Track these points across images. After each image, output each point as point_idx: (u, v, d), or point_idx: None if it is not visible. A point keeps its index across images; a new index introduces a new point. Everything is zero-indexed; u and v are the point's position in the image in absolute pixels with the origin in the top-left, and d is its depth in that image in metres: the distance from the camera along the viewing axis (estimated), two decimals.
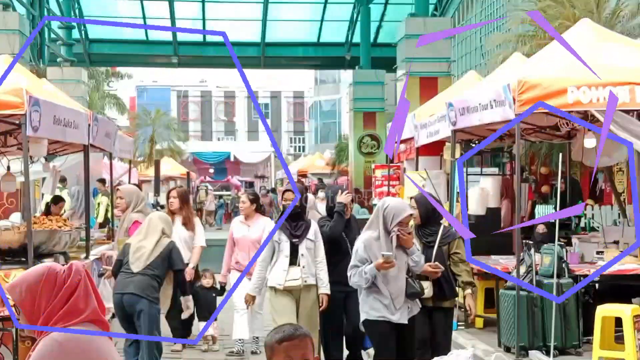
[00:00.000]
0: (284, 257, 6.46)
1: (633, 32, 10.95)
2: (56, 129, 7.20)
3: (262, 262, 6.60)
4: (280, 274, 6.45)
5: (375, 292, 5.43)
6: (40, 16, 18.22)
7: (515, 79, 7.10)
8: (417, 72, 17.98)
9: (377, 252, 5.35)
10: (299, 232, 6.49)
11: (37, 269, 2.69)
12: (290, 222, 6.53)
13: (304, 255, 6.47)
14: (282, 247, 6.50)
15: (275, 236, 6.47)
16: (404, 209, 5.45)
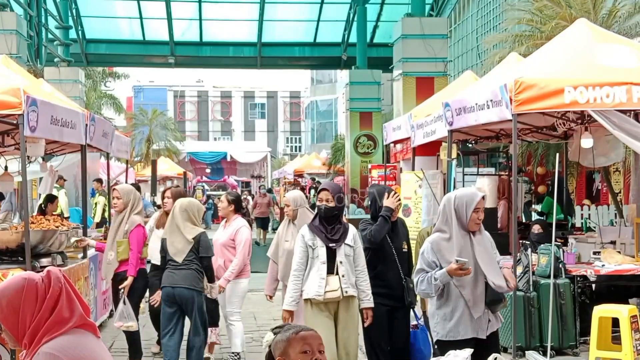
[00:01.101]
0: (320, 264, 5.67)
1: (630, 32, 10.97)
2: (53, 129, 7.19)
3: (296, 272, 5.77)
4: (318, 283, 5.64)
5: (446, 303, 4.77)
6: (38, 16, 18.19)
7: (511, 79, 7.10)
8: (414, 72, 18.03)
9: (448, 256, 4.71)
10: (336, 236, 5.75)
11: (15, 282, 2.56)
12: (325, 224, 5.78)
13: (342, 263, 5.70)
14: (317, 253, 5.72)
15: (308, 239, 5.72)
16: (474, 194, 4.85)
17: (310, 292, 5.68)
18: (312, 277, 5.68)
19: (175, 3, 24.51)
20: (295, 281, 5.75)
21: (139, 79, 58.43)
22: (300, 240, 5.79)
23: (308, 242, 5.71)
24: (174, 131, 33.86)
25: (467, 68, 18.56)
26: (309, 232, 5.77)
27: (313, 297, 5.65)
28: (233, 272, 7.40)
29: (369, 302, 5.77)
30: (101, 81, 32.42)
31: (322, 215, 5.77)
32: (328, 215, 5.75)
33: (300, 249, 5.77)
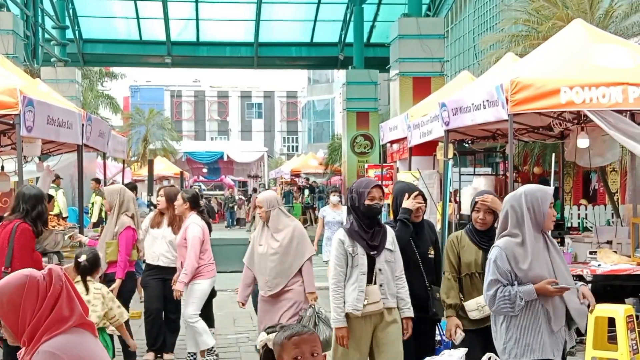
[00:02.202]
0: (360, 274, 5.03)
1: (626, 32, 11.00)
2: (50, 128, 7.18)
3: (337, 283, 5.09)
4: (357, 296, 5.03)
5: (522, 317, 4.13)
6: (35, 16, 18.16)
7: (508, 79, 7.10)
8: (411, 73, 18.04)
9: (524, 264, 4.12)
10: (376, 242, 5.10)
11: (16, 279, 2.55)
12: (366, 228, 5.11)
13: (382, 271, 5.10)
14: (358, 262, 5.05)
15: (348, 246, 5.06)
16: (545, 188, 4.34)
17: (347, 306, 5.05)
18: (350, 289, 5.05)
19: (172, 3, 24.51)
20: (339, 292, 5.07)
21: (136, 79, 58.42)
22: (339, 247, 5.12)
23: (348, 250, 5.06)
24: (171, 131, 33.88)
25: (463, 68, 18.58)
26: (349, 238, 5.08)
27: (351, 312, 5.04)
28: (186, 274, 7.19)
29: (410, 311, 5.22)
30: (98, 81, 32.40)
31: (372, 216, 5.12)
32: (377, 215, 5.17)
33: (340, 256, 5.09)
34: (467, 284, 5.22)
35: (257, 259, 6.45)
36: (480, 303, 5.00)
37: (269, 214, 6.42)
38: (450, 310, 5.18)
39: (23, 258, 5.69)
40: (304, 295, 6.32)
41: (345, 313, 5.05)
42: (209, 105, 67.67)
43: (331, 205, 12.83)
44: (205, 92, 67.53)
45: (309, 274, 6.39)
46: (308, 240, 6.54)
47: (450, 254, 5.24)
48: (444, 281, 5.27)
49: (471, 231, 5.27)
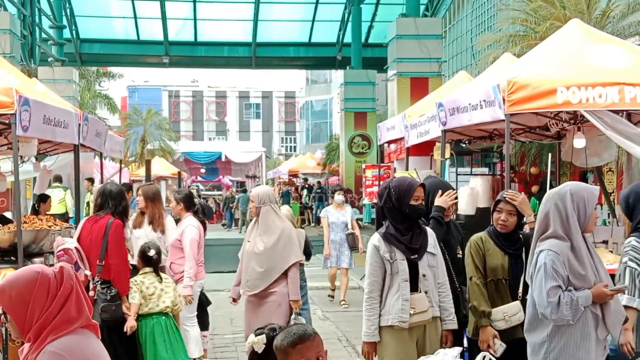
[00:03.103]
0: (403, 282, 4.55)
1: (623, 32, 11.01)
2: (46, 128, 7.17)
3: (370, 294, 4.61)
4: (402, 306, 4.52)
5: (572, 325, 3.86)
6: (32, 16, 18.15)
7: (504, 79, 7.11)
8: (408, 73, 18.07)
9: (582, 269, 3.89)
10: (416, 244, 4.63)
11: (27, 275, 2.53)
12: (404, 231, 4.64)
13: (425, 277, 4.62)
14: (397, 268, 4.57)
15: (384, 252, 4.58)
16: (592, 189, 4.05)
17: (391, 318, 4.53)
18: (392, 299, 4.54)
19: (169, 3, 24.53)
20: (372, 304, 4.58)
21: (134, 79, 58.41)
22: (373, 254, 4.63)
23: (384, 256, 4.57)
24: (169, 131, 33.89)
25: (461, 68, 18.60)
26: (385, 243, 4.60)
27: (397, 324, 4.51)
28: (190, 277, 6.97)
29: (453, 323, 4.76)
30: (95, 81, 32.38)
31: (416, 217, 4.67)
32: (422, 217, 4.75)
33: (374, 264, 4.60)
34: (492, 291, 4.85)
35: (244, 255, 6.34)
36: (507, 312, 4.74)
37: (259, 210, 6.22)
38: (484, 319, 4.75)
39: (115, 251, 6.09)
40: (287, 302, 6.14)
41: (381, 326, 4.57)
42: (207, 106, 67.66)
43: (335, 205, 12.04)
44: (203, 92, 67.54)
45: (294, 281, 6.15)
46: (296, 245, 6.26)
47: (476, 257, 4.86)
48: (473, 287, 4.82)
49: (494, 234, 4.91)
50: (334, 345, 8.64)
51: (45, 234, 7.39)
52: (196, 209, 7.48)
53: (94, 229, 6.20)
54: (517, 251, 4.85)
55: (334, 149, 29.89)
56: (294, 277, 6.17)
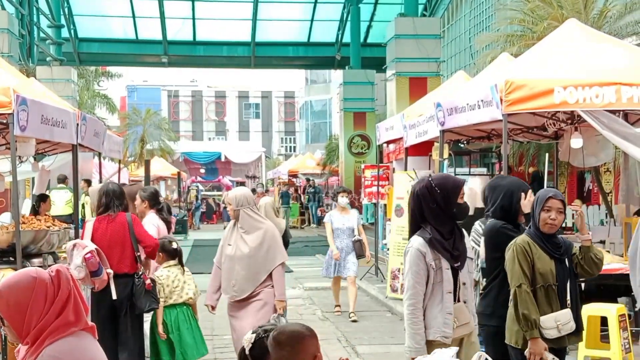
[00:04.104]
0: (446, 293, 4.14)
1: (620, 32, 11.02)
2: (44, 128, 7.17)
3: (416, 305, 4.15)
4: (445, 320, 4.12)
5: None
6: (30, 15, 18.16)
7: (502, 80, 7.13)
8: (407, 73, 18.08)
9: None
10: (458, 250, 4.22)
11: (24, 280, 2.50)
12: (447, 234, 4.20)
13: (465, 285, 4.26)
14: (441, 277, 4.15)
15: (430, 259, 4.14)
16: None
17: (432, 332, 4.13)
18: (433, 310, 4.14)
19: (168, 2, 24.52)
20: (418, 315, 4.14)
21: (133, 79, 58.36)
22: (418, 260, 4.15)
23: (430, 263, 4.13)
24: (168, 131, 33.85)
25: (460, 68, 18.60)
26: (430, 250, 4.14)
27: (439, 339, 4.10)
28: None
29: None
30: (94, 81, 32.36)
31: (463, 217, 4.30)
32: (466, 217, 4.37)
33: (420, 272, 4.14)
34: (542, 298, 4.54)
35: (225, 260, 6.06)
36: (560, 320, 4.49)
37: (238, 213, 6.02)
38: (535, 330, 4.45)
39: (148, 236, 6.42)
40: (272, 304, 5.99)
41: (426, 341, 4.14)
42: (207, 106, 67.63)
43: (339, 209, 10.67)
44: (202, 92, 67.49)
45: (279, 281, 6.02)
46: (281, 245, 6.13)
47: (524, 263, 4.51)
48: (522, 295, 4.48)
49: (539, 237, 4.56)
50: (334, 346, 8.63)
51: (44, 235, 7.39)
52: (160, 207, 7.43)
53: (110, 228, 6.35)
54: (562, 256, 4.60)
55: (334, 149, 29.89)
56: (280, 278, 6.03)
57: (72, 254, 6.15)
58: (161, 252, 6.70)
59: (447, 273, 4.14)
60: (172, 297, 6.65)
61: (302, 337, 2.74)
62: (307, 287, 13.16)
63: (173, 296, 6.66)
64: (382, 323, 10.09)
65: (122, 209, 6.47)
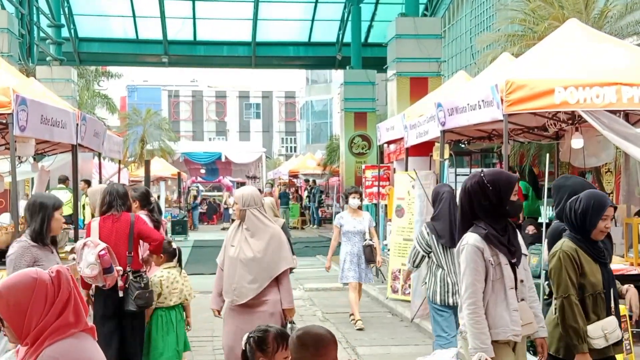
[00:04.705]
0: (509, 289, 4.03)
1: (621, 32, 11.00)
2: (44, 128, 7.17)
3: (477, 303, 4.00)
4: (512, 317, 4.01)
5: None
6: (30, 15, 18.14)
7: (502, 80, 7.11)
8: (408, 73, 18.05)
9: None
10: (514, 246, 4.12)
11: (25, 281, 2.49)
12: (501, 231, 4.09)
13: (523, 282, 4.14)
14: (502, 273, 4.03)
15: (489, 255, 4.01)
16: None
17: (500, 331, 3.98)
18: (496, 307, 3.99)
19: (168, 2, 24.50)
20: (480, 315, 3.97)
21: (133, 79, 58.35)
22: (476, 257, 4.01)
23: (488, 259, 4.00)
24: (168, 131, 33.80)
25: (461, 68, 18.58)
26: (487, 245, 4.02)
27: (511, 338, 4.00)
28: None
29: (544, 330, 4.34)
30: (94, 80, 32.33)
31: (515, 215, 4.17)
32: (519, 214, 4.42)
33: (479, 269, 4.00)
34: (590, 306, 4.38)
35: (227, 261, 5.79)
36: (607, 329, 4.34)
37: (244, 214, 5.72)
38: (584, 344, 4.27)
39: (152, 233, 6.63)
40: (278, 311, 5.66)
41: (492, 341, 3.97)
42: (207, 106, 67.63)
43: (350, 211, 10.02)
44: (203, 92, 67.50)
45: (286, 288, 5.70)
46: (287, 249, 5.84)
47: (571, 271, 4.33)
48: (571, 306, 4.29)
49: (584, 242, 4.40)
50: None
51: None
52: (151, 208, 7.42)
53: (115, 227, 6.45)
54: (606, 260, 4.49)
55: (335, 149, 29.86)
56: (287, 284, 5.73)
57: (83, 252, 6.18)
58: (162, 253, 6.78)
59: (507, 269, 4.00)
60: (172, 298, 6.73)
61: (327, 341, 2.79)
62: (307, 288, 13.14)
63: (173, 297, 6.73)
64: (383, 324, 10.06)
65: (126, 209, 6.57)
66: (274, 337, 3.21)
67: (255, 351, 3.22)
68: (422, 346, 8.49)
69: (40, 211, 5.17)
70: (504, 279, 3.99)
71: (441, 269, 6.76)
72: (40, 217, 5.15)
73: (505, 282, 3.99)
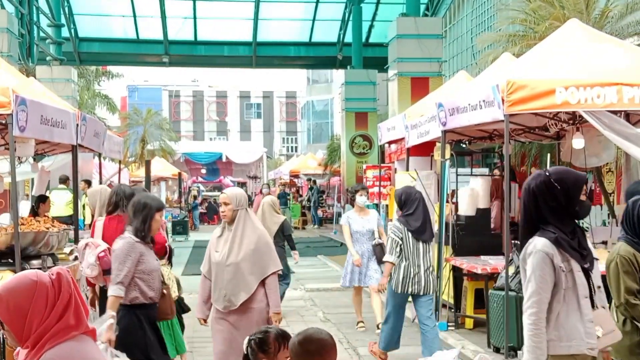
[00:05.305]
0: (583, 298, 3.66)
1: (622, 32, 10.99)
2: (43, 128, 7.14)
3: (539, 314, 3.64)
4: (587, 328, 3.64)
5: None
6: (30, 14, 18.14)
7: (503, 80, 7.10)
8: (409, 73, 18.04)
9: None
10: (585, 251, 3.75)
11: (25, 283, 2.47)
12: (570, 234, 3.72)
13: (600, 289, 3.81)
14: (575, 280, 3.66)
15: (559, 261, 3.63)
16: None
17: (575, 345, 3.62)
18: (569, 318, 3.63)
19: (169, 1, 24.50)
20: (540, 329, 3.62)
21: (134, 79, 58.36)
22: (545, 263, 3.64)
23: (559, 265, 3.64)
24: (169, 131, 33.80)
25: (461, 68, 18.55)
26: (557, 250, 3.65)
27: (586, 352, 3.65)
28: None
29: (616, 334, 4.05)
30: (95, 80, 32.32)
31: (583, 217, 3.88)
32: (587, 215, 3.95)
33: (548, 277, 3.63)
34: None
35: (213, 268, 5.57)
36: None
37: (236, 214, 5.51)
38: None
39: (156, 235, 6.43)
40: (266, 315, 5.51)
41: (555, 355, 3.67)
42: (208, 106, 67.63)
43: (357, 209, 9.62)
44: (203, 92, 67.51)
45: (274, 292, 5.54)
46: (274, 252, 5.67)
47: (630, 275, 4.20)
48: (636, 311, 4.22)
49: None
50: None
51: (44, 236, 7.35)
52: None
53: (120, 227, 6.39)
54: None
55: (336, 149, 29.85)
56: (275, 288, 5.56)
57: (85, 252, 6.24)
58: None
59: (580, 276, 3.65)
60: None
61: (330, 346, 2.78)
62: (308, 288, 13.12)
63: None
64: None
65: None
66: (275, 338, 3.22)
67: (257, 353, 3.23)
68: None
69: (144, 210, 5.40)
70: (577, 286, 3.63)
71: (405, 261, 7.32)
72: (143, 215, 5.38)
73: (578, 290, 3.63)
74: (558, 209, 3.71)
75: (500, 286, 7.45)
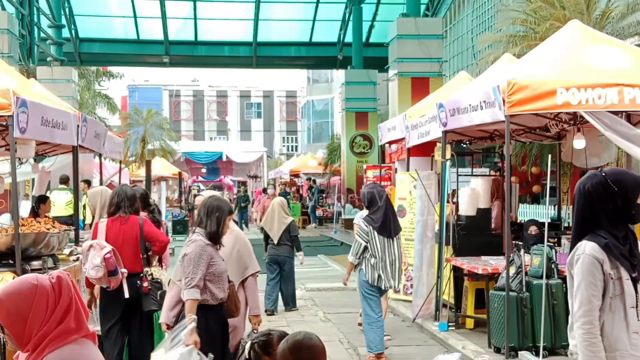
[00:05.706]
0: (630, 308, 3.45)
1: (622, 33, 10.99)
2: (44, 130, 7.13)
3: (594, 321, 3.41)
4: (632, 340, 3.45)
5: None
6: (30, 15, 18.14)
7: (504, 80, 7.10)
8: (409, 73, 18.04)
9: None
10: (635, 259, 3.49)
11: (25, 287, 2.45)
12: (622, 240, 3.48)
13: None
14: (623, 289, 3.45)
15: (609, 268, 3.41)
16: None
17: (620, 355, 3.44)
18: (614, 327, 3.43)
19: (169, 2, 24.52)
20: (595, 335, 3.40)
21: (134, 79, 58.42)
22: (594, 269, 3.41)
23: (608, 272, 3.42)
24: (169, 131, 33.80)
25: (462, 68, 18.58)
26: (607, 257, 3.43)
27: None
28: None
29: None
30: (95, 81, 32.33)
31: (636, 223, 3.60)
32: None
33: (599, 283, 3.42)
34: None
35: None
36: None
37: None
38: None
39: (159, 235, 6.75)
40: (244, 320, 5.49)
41: None
42: (208, 105, 67.65)
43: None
44: (204, 92, 67.52)
45: (253, 293, 5.54)
46: (252, 253, 5.66)
47: None
48: None
49: None
50: (336, 347, 8.59)
51: (44, 237, 7.34)
52: (152, 209, 7.41)
53: (123, 229, 6.51)
54: None
55: (336, 148, 29.86)
56: (254, 290, 5.56)
57: (89, 254, 6.24)
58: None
59: (629, 284, 3.43)
60: None
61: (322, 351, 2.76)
62: (309, 287, 13.11)
63: None
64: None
65: (133, 211, 6.61)
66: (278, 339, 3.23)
67: (261, 356, 3.23)
68: (424, 346, 8.48)
69: (217, 212, 5.31)
70: (625, 295, 3.41)
71: (374, 258, 7.69)
72: (216, 218, 5.30)
73: (625, 300, 3.42)
74: (615, 211, 3.48)
75: (501, 286, 7.46)
